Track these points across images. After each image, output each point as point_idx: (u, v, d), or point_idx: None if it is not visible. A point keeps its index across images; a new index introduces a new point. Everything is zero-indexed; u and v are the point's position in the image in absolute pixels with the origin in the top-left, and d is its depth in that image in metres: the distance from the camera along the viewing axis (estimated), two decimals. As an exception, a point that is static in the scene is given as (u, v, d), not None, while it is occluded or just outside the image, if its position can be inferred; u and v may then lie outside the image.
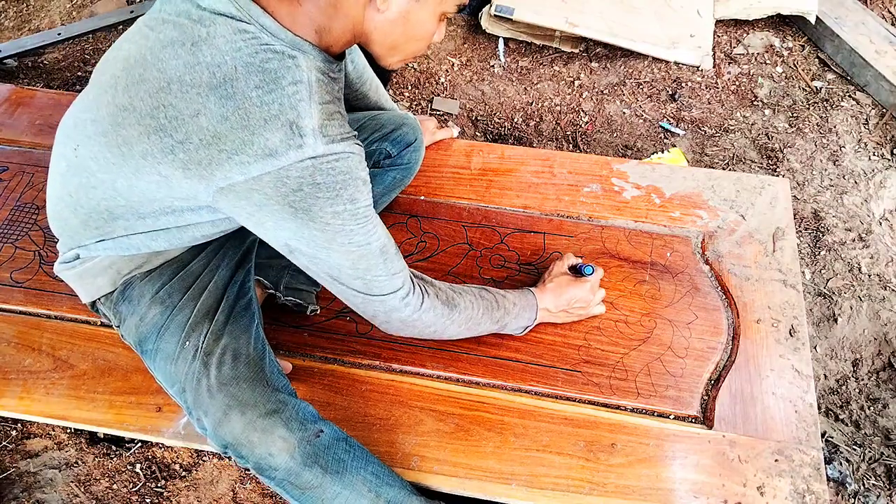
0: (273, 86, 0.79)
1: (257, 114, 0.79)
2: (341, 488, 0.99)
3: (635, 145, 2.01)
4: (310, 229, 0.86)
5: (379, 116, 1.36)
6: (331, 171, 0.82)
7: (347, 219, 0.86)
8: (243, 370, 1.01)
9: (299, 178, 0.81)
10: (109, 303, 1.10)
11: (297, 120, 0.80)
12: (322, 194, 0.83)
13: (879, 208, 1.86)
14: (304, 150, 0.80)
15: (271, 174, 0.80)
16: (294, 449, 0.97)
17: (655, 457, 1.14)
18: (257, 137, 0.79)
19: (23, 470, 1.41)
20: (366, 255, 0.91)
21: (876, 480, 1.43)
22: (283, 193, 0.82)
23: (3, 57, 2.19)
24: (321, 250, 0.89)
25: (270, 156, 0.79)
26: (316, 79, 0.84)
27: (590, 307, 1.26)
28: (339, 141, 0.83)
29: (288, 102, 0.80)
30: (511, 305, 1.15)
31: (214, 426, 0.98)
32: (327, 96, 0.86)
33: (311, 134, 0.80)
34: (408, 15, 0.89)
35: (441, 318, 1.03)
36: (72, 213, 1.00)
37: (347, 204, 0.85)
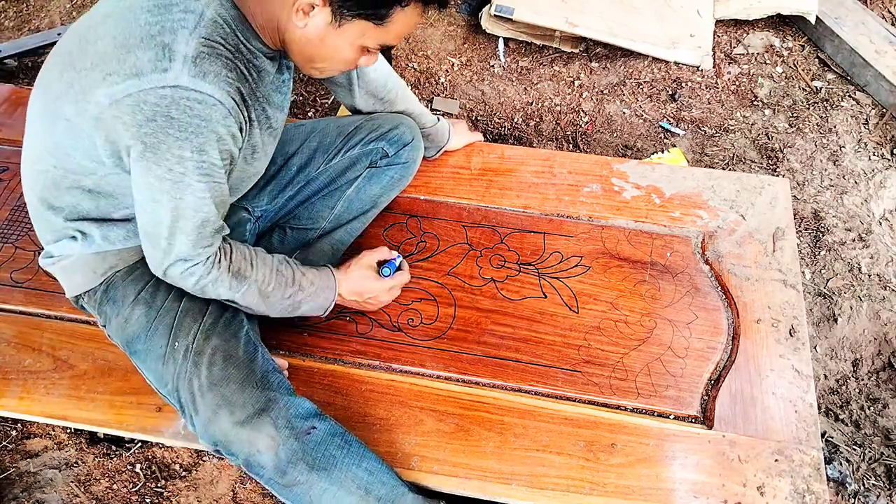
0: (163, 10, 0.81)
1: (138, 33, 0.80)
2: (328, 484, 0.99)
3: (635, 145, 2.01)
4: (151, 174, 0.85)
5: (376, 116, 1.36)
6: (188, 110, 0.81)
7: (191, 169, 0.85)
8: (233, 371, 1.01)
9: (155, 106, 0.80)
10: (93, 301, 1.11)
11: (172, 43, 0.79)
12: (173, 131, 0.81)
13: (879, 208, 1.86)
14: (168, 75, 0.79)
15: (132, 97, 0.80)
16: (279, 447, 0.98)
17: (655, 457, 1.14)
18: (130, 56, 0.79)
19: (23, 470, 1.41)
20: (186, 219, 0.90)
21: (876, 480, 1.43)
22: (138, 122, 0.81)
23: (3, 57, 2.19)
24: (151, 202, 0.88)
25: (136, 75, 0.79)
26: (212, 17, 0.83)
27: (378, 305, 1.27)
28: (209, 81, 0.81)
29: (170, 26, 0.80)
30: (308, 284, 1.12)
31: (204, 425, 0.99)
32: (220, 39, 0.84)
33: (181, 60, 0.79)
34: (324, 38, 0.89)
35: (229, 290, 1.02)
36: (31, 192, 1.03)
37: (195, 153, 0.84)
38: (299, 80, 2.18)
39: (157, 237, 0.94)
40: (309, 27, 0.87)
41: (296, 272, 1.11)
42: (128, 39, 0.80)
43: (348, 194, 1.34)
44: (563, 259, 1.38)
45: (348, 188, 1.34)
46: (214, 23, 0.83)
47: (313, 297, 1.14)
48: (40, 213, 1.04)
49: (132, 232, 1.04)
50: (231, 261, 1.01)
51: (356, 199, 1.35)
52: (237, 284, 1.02)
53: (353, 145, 1.33)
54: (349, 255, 1.26)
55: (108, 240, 1.04)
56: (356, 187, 1.35)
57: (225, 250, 1.01)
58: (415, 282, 1.35)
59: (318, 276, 1.15)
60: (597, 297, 1.33)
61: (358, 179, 1.35)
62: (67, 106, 0.85)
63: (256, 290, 1.05)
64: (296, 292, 1.10)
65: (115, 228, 1.03)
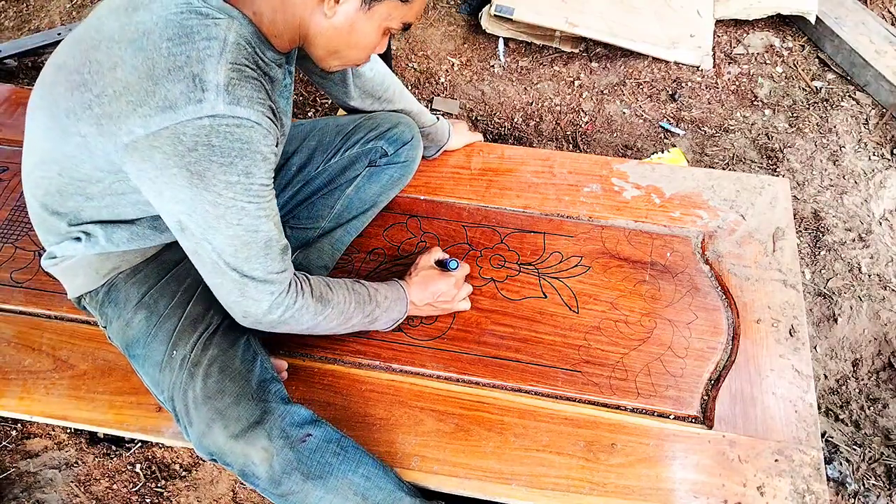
0: (185, 39, 0.80)
1: (163, 64, 0.79)
2: (324, 493, 0.99)
3: (635, 145, 2.01)
4: (202, 200, 0.84)
5: (375, 115, 1.36)
6: (228, 136, 0.81)
7: (240, 192, 0.84)
8: (229, 384, 1.00)
9: (195, 137, 0.79)
10: (95, 302, 1.11)
11: (202, 73, 0.79)
12: (216, 158, 0.81)
13: (879, 208, 1.86)
14: (203, 105, 0.78)
15: (169, 129, 0.79)
16: (273, 458, 0.97)
17: (655, 457, 1.14)
18: (159, 88, 0.79)
19: (23, 470, 1.41)
20: (249, 244, 0.89)
21: (876, 480, 1.43)
22: (179, 152, 0.80)
23: (3, 57, 2.19)
24: (209, 229, 0.86)
25: (170, 108, 0.78)
26: (234, 40, 0.83)
27: (454, 302, 1.26)
28: (244, 105, 0.81)
29: (196, 55, 0.79)
30: (382, 299, 1.13)
31: (198, 437, 0.99)
32: (245, 60, 0.84)
33: (214, 90, 0.79)
34: (353, 24, 0.89)
35: (314, 316, 1.02)
36: (32, 196, 1.02)
37: (242, 176, 0.83)
38: (299, 80, 2.18)
39: (225, 272, 0.91)
40: (339, 15, 0.88)
41: (369, 289, 1.12)
42: (153, 70, 0.79)
43: (348, 193, 1.34)
44: (563, 259, 1.38)
45: (348, 187, 1.34)
46: (238, 45, 0.83)
47: (388, 311, 1.15)
48: (42, 218, 1.04)
49: (136, 234, 1.04)
50: (312, 287, 1.01)
51: (356, 199, 1.35)
52: (322, 309, 1.02)
53: (353, 144, 1.33)
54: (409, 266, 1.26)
55: (112, 241, 1.03)
56: (356, 186, 1.35)
57: (303, 279, 1.02)
58: (415, 282, 1.35)
59: (389, 289, 1.16)
60: (597, 297, 1.33)
61: (357, 178, 1.35)
62: (85, 126, 0.84)
63: (339, 311, 1.05)
64: (374, 309, 1.12)
65: (119, 230, 1.03)
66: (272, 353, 1.22)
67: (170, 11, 0.81)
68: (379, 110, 1.38)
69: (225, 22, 0.82)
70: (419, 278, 1.22)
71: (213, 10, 0.83)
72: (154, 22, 0.81)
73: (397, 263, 1.38)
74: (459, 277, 1.26)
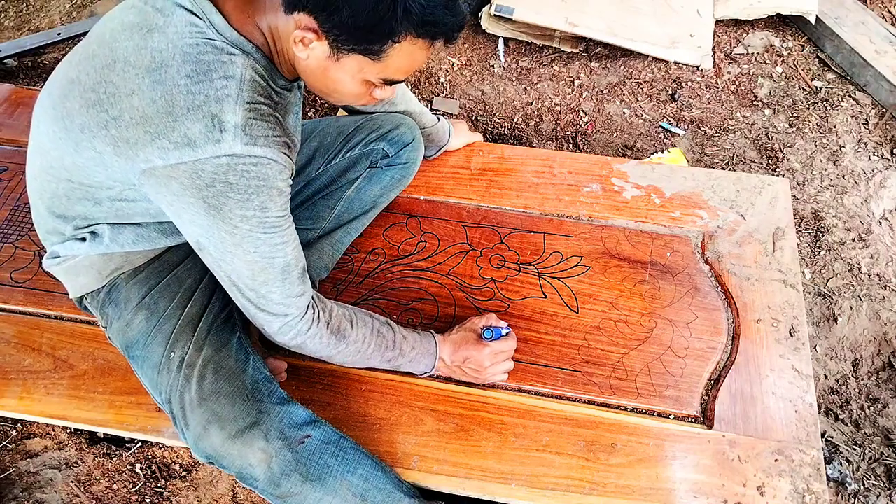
0: (203, 77, 0.81)
1: (182, 101, 0.80)
2: (323, 494, 0.99)
3: (635, 145, 2.01)
4: (219, 229, 0.86)
5: (376, 117, 1.36)
6: (245, 174, 0.83)
7: (256, 225, 0.87)
8: (224, 385, 1.00)
9: (213, 174, 0.81)
10: (96, 302, 1.11)
11: (220, 114, 0.80)
12: (233, 195, 0.83)
13: (879, 208, 1.86)
14: (222, 146, 0.80)
15: (188, 164, 0.81)
16: (272, 459, 0.97)
17: (655, 457, 1.14)
18: (179, 125, 0.80)
19: (23, 470, 1.41)
20: (266, 269, 0.91)
21: (876, 480, 1.43)
22: (197, 186, 0.82)
23: (3, 57, 2.19)
24: (226, 253, 0.89)
25: (189, 145, 0.80)
26: (250, 78, 0.84)
27: (484, 373, 1.18)
28: (261, 144, 0.83)
29: (214, 95, 0.80)
30: (409, 349, 1.12)
31: (195, 439, 0.99)
32: (260, 98, 0.85)
33: (232, 130, 0.80)
34: (326, 71, 0.88)
35: (327, 347, 1.02)
36: (38, 198, 1.02)
37: (258, 210, 0.86)
38: (299, 80, 2.18)
39: (245, 289, 0.94)
40: (311, 59, 0.86)
41: (397, 335, 1.10)
42: (171, 106, 0.80)
43: (348, 194, 1.34)
44: (563, 259, 1.38)
45: (348, 188, 1.34)
46: (253, 83, 0.84)
47: (414, 362, 1.14)
48: (47, 219, 1.04)
49: (141, 235, 1.04)
50: (331, 318, 1.01)
51: (356, 200, 1.35)
52: (336, 342, 1.02)
53: (354, 146, 1.33)
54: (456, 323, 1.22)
55: (117, 242, 1.03)
56: (356, 188, 1.35)
57: (322, 307, 1.01)
58: (415, 282, 1.35)
59: (420, 341, 1.14)
60: (597, 297, 1.33)
61: (358, 180, 1.35)
62: (101, 144, 0.86)
63: (356, 350, 1.05)
64: (396, 356, 1.11)
65: (125, 231, 1.03)
66: (272, 353, 1.22)
67: (185, 42, 0.82)
68: (381, 111, 1.38)
69: (240, 59, 0.84)
70: (457, 337, 1.18)
71: (227, 44, 0.84)
72: (171, 53, 0.81)
73: (397, 263, 1.38)
74: (498, 350, 1.17)
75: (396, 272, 1.37)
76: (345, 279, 1.35)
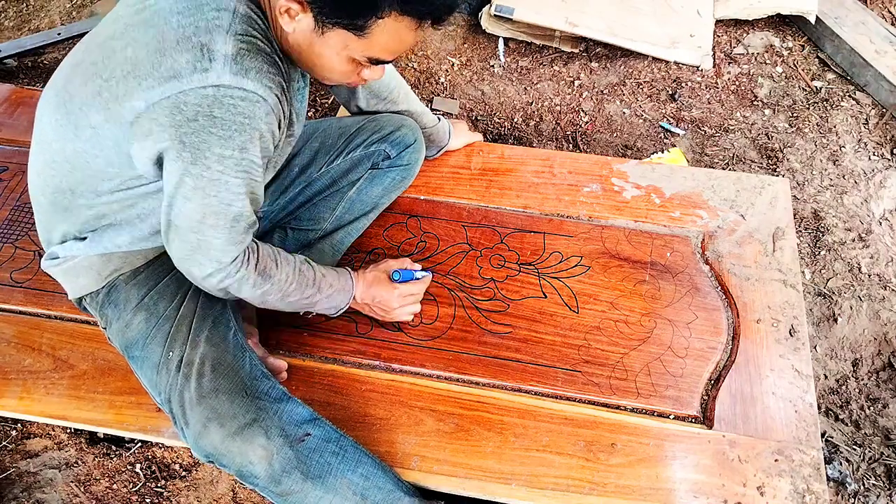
0: (194, 10, 0.79)
1: (172, 36, 0.78)
2: (323, 492, 0.99)
3: (635, 145, 2.01)
4: (188, 173, 0.83)
5: (378, 118, 1.36)
6: (231, 108, 0.79)
7: (230, 167, 0.84)
8: (222, 382, 1.00)
9: (196, 106, 0.78)
10: (95, 303, 1.11)
11: (210, 43, 0.78)
12: (216, 130, 0.80)
13: (879, 208, 1.86)
14: (209, 75, 0.77)
15: (170, 99, 0.78)
16: (273, 456, 0.97)
17: (655, 457, 1.14)
18: (166, 59, 0.78)
19: (23, 470, 1.41)
20: (219, 214, 0.88)
21: (876, 480, 1.43)
22: (177, 123, 0.79)
23: (3, 57, 2.19)
24: (180, 197, 0.86)
25: (174, 77, 0.78)
26: (244, 12, 0.82)
27: (392, 314, 1.22)
28: (252, 78, 0.80)
29: (205, 25, 0.78)
30: (327, 286, 1.11)
31: (195, 438, 0.99)
32: (255, 32, 0.83)
33: (221, 60, 0.78)
34: (311, 45, 0.87)
35: (252, 288, 0.99)
36: (41, 194, 1.02)
37: (236, 151, 0.83)
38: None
39: (186, 231, 0.90)
40: (297, 32, 0.85)
41: (317, 273, 1.10)
42: (161, 43, 0.78)
43: (350, 195, 1.34)
44: (563, 259, 1.38)
45: (349, 189, 1.34)
46: (248, 18, 0.82)
47: (330, 299, 1.14)
48: (51, 217, 1.03)
49: (142, 237, 1.04)
50: (258, 259, 0.99)
51: (357, 201, 1.35)
52: (262, 282, 1.00)
53: (355, 147, 1.33)
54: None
55: (116, 242, 1.03)
56: (357, 188, 1.35)
57: (252, 248, 0.99)
58: (415, 282, 1.35)
59: (337, 279, 1.14)
60: (597, 297, 1.33)
61: (359, 181, 1.35)
62: (94, 114, 0.84)
63: (278, 289, 1.03)
64: (314, 293, 1.10)
65: (125, 231, 1.03)
66: (272, 353, 1.22)
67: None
68: (383, 111, 1.38)
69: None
70: (370, 276, 1.20)
71: None
72: (165, 2, 0.81)
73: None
74: (406, 293, 1.22)
75: (396, 272, 1.37)
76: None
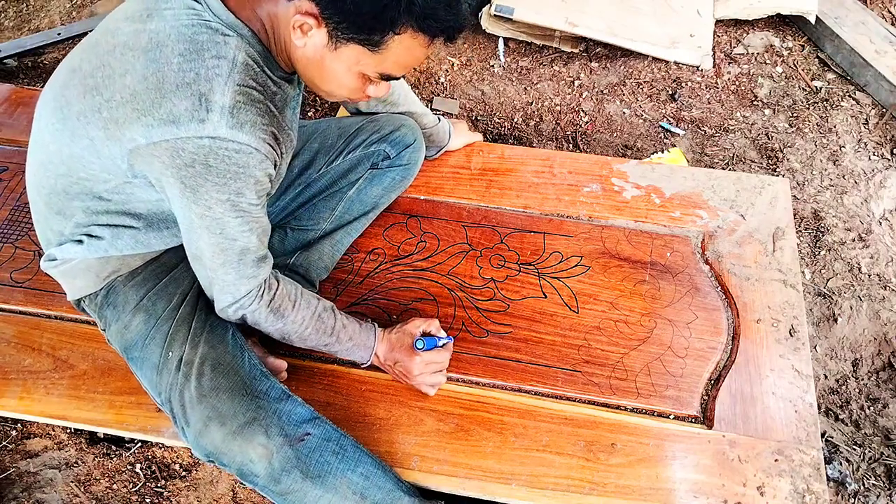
0: (195, 56, 0.81)
1: (172, 78, 0.80)
2: (323, 492, 0.99)
3: (635, 145, 2.01)
4: (191, 209, 0.88)
5: (378, 118, 1.36)
6: (226, 159, 0.82)
7: (228, 209, 0.88)
8: (222, 381, 1.01)
9: (193, 154, 0.81)
10: (94, 305, 1.11)
11: (209, 94, 0.80)
12: (211, 178, 0.83)
13: (879, 208, 1.86)
14: (206, 126, 0.80)
15: (169, 142, 0.81)
16: (272, 455, 0.97)
17: (655, 457, 1.14)
18: (166, 101, 0.80)
19: (23, 470, 1.41)
20: (226, 250, 0.92)
21: (876, 480, 1.43)
22: (176, 165, 0.82)
23: (3, 57, 2.19)
24: (194, 231, 0.91)
25: (173, 122, 0.80)
26: (243, 60, 0.83)
27: (413, 381, 1.16)
28: (246, 131, 0.82)
29: (205, 74, 0.80)
30: (346, 339, 1.11)
31: (196, 437, 0.99)
32: (252, 82, 0.85)
33: (218, 111, 0.80)
34: (322, 60, 0.88)
35: (265, 322, 1.03)
36: (37, 195, 1.02)
37: (233, 195, 0.86)
38: (299, 80, 2.18)
39: (203, 265, 0.97)
40: (308, 47, 0.86)
41: (336, 322, 1.10)
42: (161, 83, 0.80)
43: (349, 195, 1.34)
44: (563, 259, 1.38)
45: (349, 189, 1.34)
46: (246, 66, 0.84)
47: (349, 351, 1.14)
48: (46, 218, 1.04)
49: (139, 240, 1.04)
50: (273, 297, 1.02)
51: (357, 201, 1.35)
52: (274, 320, 1.03)
53: (355, 147, 1.33)
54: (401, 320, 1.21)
55: (116, 246, 1.04)
56: (357, 189, 1.35)
57: (270, 285, 1.02)
58: (415, 282, 1.35)
59: (359, 333, 1.13)
60: (597, 297, 1.33)
61: (359, 181, 1.35)
62: (94, 129, 0.86)
63: (293, 329, 1.05)
64: (333, 342, 1.10)
65: (124, 235, 1.03)
66: (272, 353, 1.22)
67: (181, 23, 0.82)
68: (383, 112, 1.38)
69: (234, 41, 0.83)
70: (393, 338, 1.15)
71: (222, 24, 0.84)
72: (167, 34, 0.82)
73: (397, 263, 1.38)
74: (428, 360, 1.14)
75: (396, 272, 1.37)
76: (345, 279, 1.35)
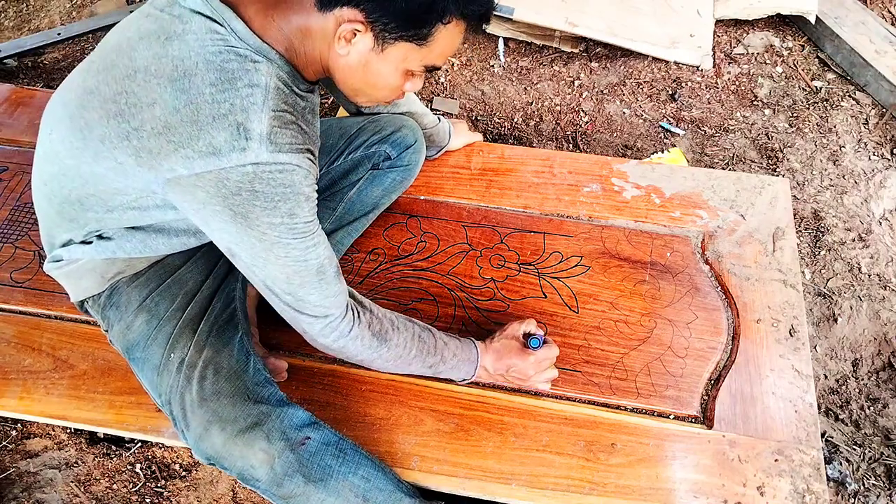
0: (228, 85, 0.80)
1: (207, 110, 0.79)
2: (326, 495, 0.99)
3: (635, 145, 2.01)
4: (248, 236, 0.86)
5: (379, 118, 1.36)
6: (271, 182, 0.82)
7: (284, 232, 0.86)
8: (224, 385, 1.00)
9: (238, 183, 0.81)
10: (97, 305, 1.10)
11: (246, 122, 0.80)
12: (259, 203, 0.83)
13: (879, 208, 1.86)
14: (247, 154, 0.79)
15: (213, 173, 0.80)
16: (274, 460, 0.97)
17: (655, 457, 1.14)
18: (204, 134, 0.80)
19: (23, 470, 1.41)
20: (301, 272, 0.90)
21: (876, 480, 1.43)
22: (223, 195, 0.82)
23: (3, 57, 2.19)
24: (258, 259, 0.89)
25: (214, 154, 0.80)
26: (275, 86, 0.84)
27: (529, 381, 1.18)
28: (286, 151, 0.82)
29: (240, 104, 0.80)
30: (450, 356, 1.11)
31: (196, 440, 0.99)
32: (284, 105, 0.85)
33: (258, 139, 0.80)
34: (368, 65, 0.88)
35: (368, 349, 1.01)
36: (48, 203, 1.01)
37: (286, 217, 0.85)
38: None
39: (280, 293, 0.93)
40: (352, 55, 0.86)
41: (438, 341, 1.09)
42: (196, 115, 0.79)
43: (350, 196, 1.34)
44: (563, 259, 1.38)
45: (350, 190, 1.34)
46: (278, 91, 0.84)
47: (455, 369, 1.13)
48: (57, 224, 1.03)
49: (147, 244, 1.04)
50: (372, 320, 1.01)
51: (357, 201, 1.35)
52: (377, 345, 1.01)
53: (356, 148, 1.33)
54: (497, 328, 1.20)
55: (123, 248, 1.03)
56: (358, 189, 1.35)
57: (366, 307, 1.02)
58: (415, 282, 1.35)
59: (461, 348, 1.13)
60: (597, 297, 1.33)
61: (360, 181, 1.35)
62: (122, 155, 0.85)
63: (397, 354, 1.04)
64: (437, 363, 1.10)
65: (133, 238, 1.02)
66: (272, 353, 1.22)
67: (208, 50, 0.81)
68: (383, 112, 1.38)
69: (264, 67, 0.83)
70: (499, 346, 1.16)
71: (250, 50, 0.83)
72: (194, 62, 0.81)
73: (397, 263, 1.38)
74: (542, 358, 1.15)
75: (396, 272, 1.37)
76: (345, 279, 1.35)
